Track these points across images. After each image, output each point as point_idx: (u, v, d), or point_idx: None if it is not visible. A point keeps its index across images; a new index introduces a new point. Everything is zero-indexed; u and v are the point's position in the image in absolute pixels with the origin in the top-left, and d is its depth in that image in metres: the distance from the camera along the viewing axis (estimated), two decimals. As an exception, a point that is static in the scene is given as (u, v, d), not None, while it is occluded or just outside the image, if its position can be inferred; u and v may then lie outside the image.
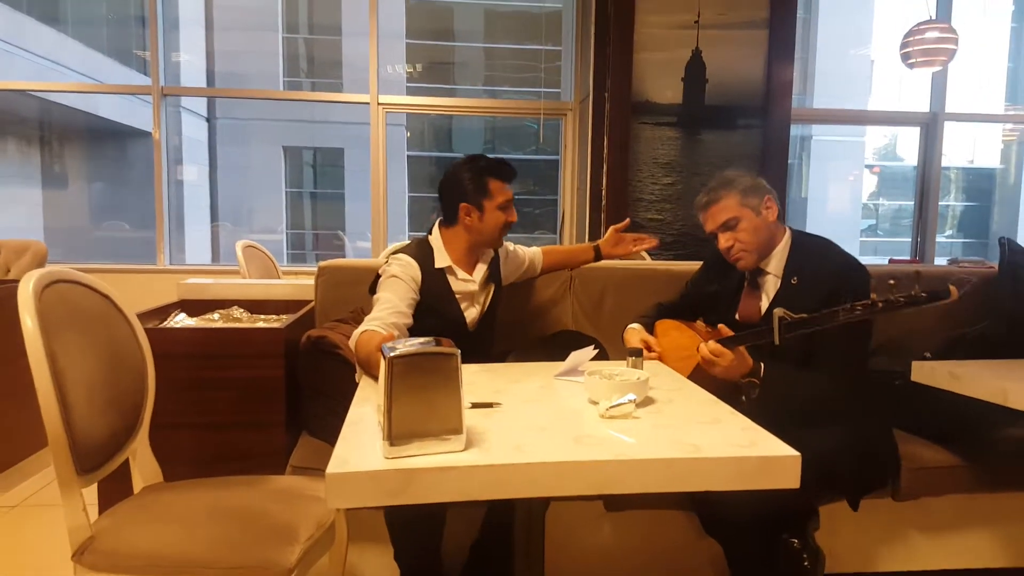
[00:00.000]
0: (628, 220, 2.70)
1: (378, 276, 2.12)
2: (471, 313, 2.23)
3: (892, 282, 1.54)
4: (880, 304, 1.57)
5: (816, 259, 2.05)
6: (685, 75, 3.83)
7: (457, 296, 2.19)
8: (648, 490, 1.14)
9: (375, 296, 2.05)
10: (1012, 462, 2.19)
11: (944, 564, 2.33)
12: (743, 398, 1.92)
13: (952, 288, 1.47)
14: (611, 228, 2.66)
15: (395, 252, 2.18)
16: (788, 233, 2.12)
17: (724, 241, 2.09)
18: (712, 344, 1.86)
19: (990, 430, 2.23)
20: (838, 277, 1.95)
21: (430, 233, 2.24)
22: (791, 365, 1.94)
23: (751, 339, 1.85)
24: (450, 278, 2.18)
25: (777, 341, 1.78)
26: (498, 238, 2.21)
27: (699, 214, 2.17)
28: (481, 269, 2.25)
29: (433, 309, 2.11)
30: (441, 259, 2.17)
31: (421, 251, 2.17)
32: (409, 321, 2.00)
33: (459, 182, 2.17)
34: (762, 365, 1.89)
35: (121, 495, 1.70)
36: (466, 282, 2.21)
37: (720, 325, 1.92)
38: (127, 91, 7.10)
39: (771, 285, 2.09)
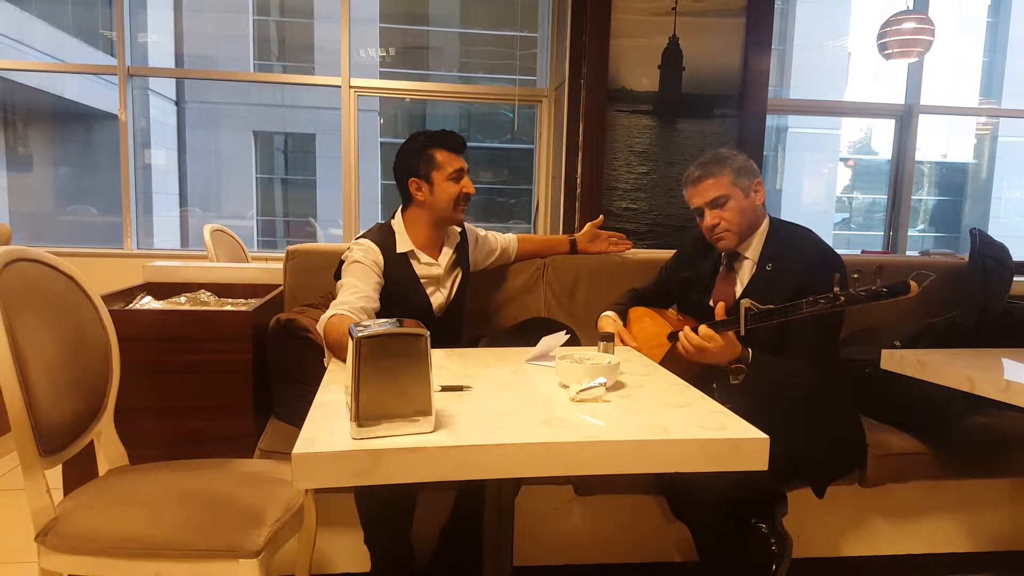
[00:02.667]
0: (602, 217, 2.72)
1: (341, 262, 2.10)
2: (437, 298, 2.21)
3: (856, 276, 1.56)
4: (842, 298, 1.59)
5: (792, 247, 2.05)
6: (662, 63, 3.83)
7: (422, 281, 2.17)
8: (617, 471, 1.14)
9: (339, 282, 2.03)
10: (976, 449, 2.23)
11: (909, 549, 2.38)
12: (713, 386, 1.93)
13: (912, 283, 1.49)
14: (588, 224, 2.69)
15: (358, 238, 2.16)
16: (767, 219, 2.13)
17: (710, 218, 2.07)
18: (704, 329, 1.85)
19: (956, 418, 2.26)
20: (812, 267, 1.96)
21: (392, 218, 2.22)
22: (773, 352, 1.95)
23: (719, 328, 1.85)
24: (413, 263, 2.16)
25: (743, 332, 1.79)
26: (454, 211, 2.16)
27: (687, 188, 2.14)
28: (447, 253, 2.23)
29: (398, 295, 2.10)
30: (403, 244, 2.15)
31: (382, 236, 2.15)
32: (376, 305, 1.98)
33: (405, 158, 2.16)
34: (750, 351, 1.89)
35: (86, 478, 1.67)
36: (430, 266, 2.19)
37: (719, 304, 1.89)
38: (92, 71, 6.97)
39: (747, 271, 2.10)
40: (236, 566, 1.44)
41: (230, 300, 2.59)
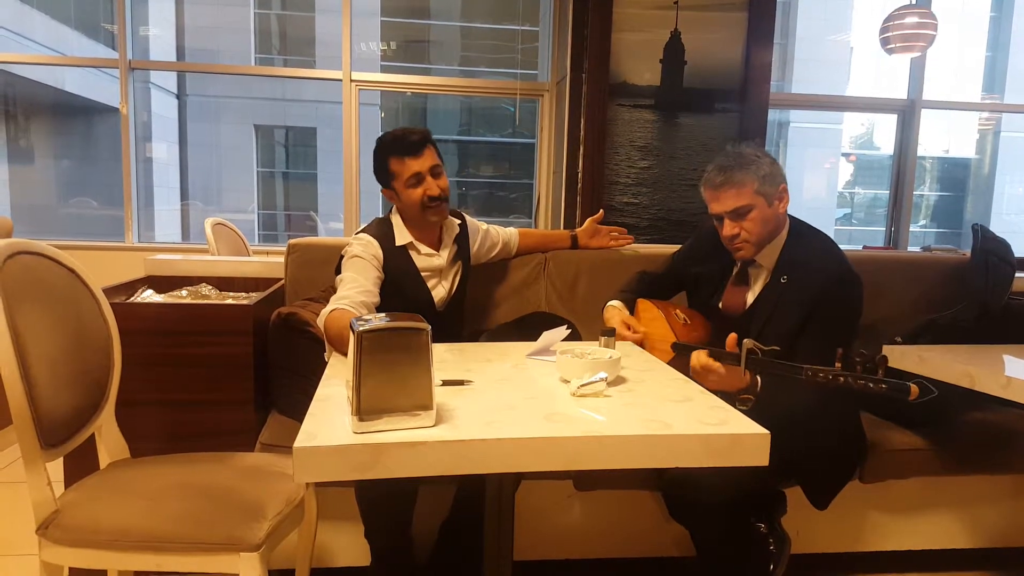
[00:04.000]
0: (602, 212, 2.72)
1: (342, 257, 2.10)
2: (439, 292, 2.21)
3: (858, 359, 1.48)
4: (841, 379, 1.52)
5: (810, 259, 1.94)
6: (663, 57, 3.82)
7: (424, 274, 2.17)
8: (618, 466, 1.14)
9: (339, 277, 2.04)
10: (976, 446, 2.23)
11: (908, 545, 2.37)
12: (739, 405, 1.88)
13: (913, 387, 1.42)
14: (589, 219, 2.68)
15: (358, 232, 2.16)
16: (787, 224, 2.01)
17: (729, 229, 1.93)
18: (708, 360, 1.73)
19: (956, 414, 2.26)
20: (827, 285, 1.86)
21: (392, 212, 2.23)
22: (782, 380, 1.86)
23: (723, 359, 1.74)
24: (413, 255, 2.16)
25: (743, 372, 1.70)
26: (423, 214, 2.12)
27: (706, 190, 1.98)
28: (448, 245, 2.24)
29: (398, 288, 2.10)
30: (402, 236, 2.15)
31: (381, 229, 2.15)
32: (376, 300, 1.99)
33: (374, 168, 2.18)
34: (759, 381, 1.77)
35: (87, 472, 1.68)
36: (431, 257, 2.19)
37: (731, 336, 1.79)
38: (93, 64, 6.97)
39: (760, 279, 2.01)
40: (237, 559, 1.44)
41: (231, 294, 2.59)
